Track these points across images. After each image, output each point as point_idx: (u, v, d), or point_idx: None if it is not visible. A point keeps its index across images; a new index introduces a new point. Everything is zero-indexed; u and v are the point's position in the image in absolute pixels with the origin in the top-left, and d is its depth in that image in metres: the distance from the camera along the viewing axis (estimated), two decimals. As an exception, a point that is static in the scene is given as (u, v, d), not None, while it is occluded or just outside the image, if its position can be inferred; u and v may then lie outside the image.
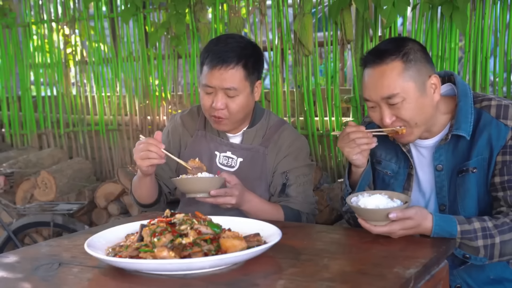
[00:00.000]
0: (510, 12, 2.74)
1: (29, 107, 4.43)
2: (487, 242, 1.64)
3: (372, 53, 1.76)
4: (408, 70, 1.70)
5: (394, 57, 1.71)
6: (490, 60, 2.75)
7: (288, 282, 1.30)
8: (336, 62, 3.17)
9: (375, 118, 1.79)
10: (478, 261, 1.68)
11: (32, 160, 4.08)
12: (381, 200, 1.64)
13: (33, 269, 1.48)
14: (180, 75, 4.91)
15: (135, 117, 4.02)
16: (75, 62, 4.25)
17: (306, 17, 3.11)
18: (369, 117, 2.05)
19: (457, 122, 1.77)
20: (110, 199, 3.64)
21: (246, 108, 2.07)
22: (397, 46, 1.73)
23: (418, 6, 2.82)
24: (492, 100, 1.78)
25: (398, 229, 1.59)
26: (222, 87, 2.00)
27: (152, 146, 1.86)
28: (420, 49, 1.75)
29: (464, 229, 1.64)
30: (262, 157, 2.14)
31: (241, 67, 2.00)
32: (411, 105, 1.71)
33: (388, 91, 1.70)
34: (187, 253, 1.39)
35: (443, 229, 1.63)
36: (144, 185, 2.07)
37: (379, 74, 1.72)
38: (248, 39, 2.13)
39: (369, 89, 1.75)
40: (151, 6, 3.76)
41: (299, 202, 2.12)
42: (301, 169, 2.15)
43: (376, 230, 1.60)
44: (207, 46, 2.07)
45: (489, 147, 1.74)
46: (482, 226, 1.64)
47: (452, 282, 1.84)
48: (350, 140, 1.78)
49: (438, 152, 1.82)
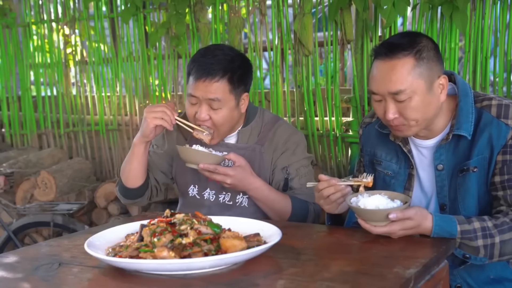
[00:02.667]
0: (510, 12, 2.73)
1: (29, 107, 4.43)
2: (487, 242, 1.64)
3: (385, 46, 1.73)
4: (419, 68, 1.69)
5: (407, 52, 1.69)
6: (490, 60, 2.74)
7: (288, 282, 1.30)
8: (336, 62, 3.17)
9: (379, 112, 1.78)
10: (478, 261, 1.67)
11: (32, 160, 4.08)
12: (381, 200, 1.64)
13: (33, 269, 1.48)
14: (180, 75, 4.90)
15: (135, 117, 4.02)
16: (75, 62, 4.25)
17: (306, 17, 3.10)
18: (369, 118, 2.05)
19: (458, 122, 1.76)
20: (110, 199, 3.64)
21: (230, 121, 2.08)
22: (411, 41, 1.71)
23: (418, 6, 2.82)
24: (492, 99, 1.77)
25: (398, 230, 1.59)
26: (206, 97, 2.00)
27: (168, 110, 2.00)
28: (434, 48, 1.73)
29: (464, 229, 1.63)
30: (258, 155, 2.14)
31: (226, 81, 2.00)
32: (417, 104, 1.70)
33: (396, 86, 1.69)
34: (187, 253, 1.39)
35: (443, 229, 1.63)
36: (136, 157, 2.08)
37: (389, 68, 1.70)
38: (237, 51, 2.11)
39: (377, 82, 1.73)
40: (151, 6, 3.76)
41: (305, 193, 2.13)
42: (300, 162, 2.16)
43: (376, 231, 1.60)
44: (195, 56, 2.07)
45: (490, 146, 1.74)
46: (482, 226, 1.64)
47: (452, 282, 1.84)
48: (325, 197, 1.73)
49: (439, 151, 1.82)
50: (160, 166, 2.24)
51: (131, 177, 2.12)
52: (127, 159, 2.12)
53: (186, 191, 2.21)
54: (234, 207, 2.15)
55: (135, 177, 2.12)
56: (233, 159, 1.99)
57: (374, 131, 1.99)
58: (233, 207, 2.15)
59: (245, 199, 2.14)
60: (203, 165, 1.93)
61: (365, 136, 2.04)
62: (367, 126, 2.04)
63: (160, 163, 2.23)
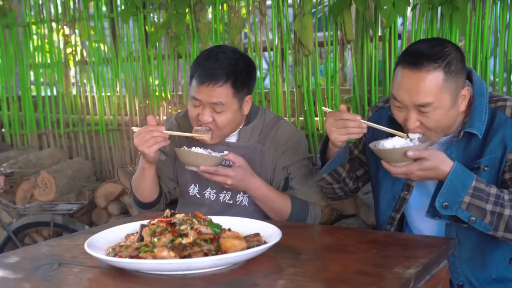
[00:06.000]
0: (510, 12, 2.74)
1: (29, 107, 4.43)
2: (496, 209, 1.62)
3: (414, 55, 1.69)
4: (447, 82, 1.67)
5: (437, 65, 1.66)
6: (490, 60, 2.75)
7: (288, 282, 1.30)
8: (336, 62, 3.17)
9: (399, 118, 1.77)
10: (482, 227, 1.65)
11: (32, 160, 4.08)
12: (399, 141, 1.69)
13: (33, 269, 1.48)
14: (180, 75, 4.90)
15: (135, 117, 4.02)
16: (75, 62, 4.25)
17: (306, 17, 3.10)
18: (382, 102, 2.03)
19: (471, 120, 1.76)
20: (110, 199, 3.64)
21: (233, 123, 2.08)
22: (440, 52, 1.67)
23: (418, 6, 2.82)
24: (507, 100, 1.78)
25: (416, 170, 1.61)
26: (209, 101, 1.99)
27: (153, 131, 1.94)
28: (461, 59, 1.71)
29: (479, 186, 1.62)
30: (260, 154, 2.14)
31: (229, 85, 1.99)
32: (440, 116, 1.70)
33: (424, 99, 1.67)
34: (187, 253, 1.39)
35: (459, 177, 1.61)
36: (148, 177, 2.08)
37: (417, 80, 1.67)
38: (240, 53, 2.09)
39: (403, 92, 1.70)
40: (151, 6, 3.76)
41: (305, 193, 2.13)
42: (301, 161, 2.16)
43: (395, 171, 1.64)
44: (198, 59, 2.05)
45: (503, 146, 1.74)
46: (497, 193, 1.63)
47: (455, 280, 1.84)
48: (343, 126, 1.75)
49: (449, 149, 1.80)
50: (168, 174, 2.25)
51: (146, 194, 2.15)
52: (139, 180, 2.12)
53: (187, 190, 2.21)
54: (234, 206, 2.15)
55: (150, 194, 2.15)
56: (233, 160, 1.98)
57: (387, 117, 1.94)
58: (233, 206, 2.15)
59: (245, 198, 2.14)
60: (203, 167, 1.92)
61: (375, 119, 1.99)
62: (378, 110, 2.03)
63: (168, 171, 2.24)
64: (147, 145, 1.93)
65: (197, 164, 1.93)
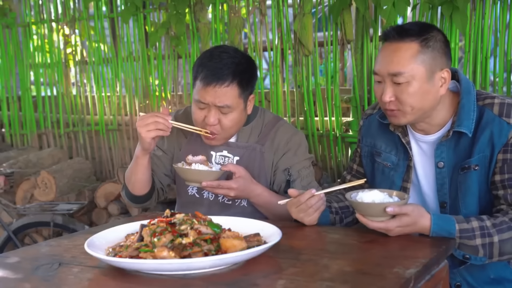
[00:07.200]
0: (510, 12, 2.74)
1: (29, 107, 4.43)
2: (485, 241, 1.63)
3: (395, 29, 1.75)
4: (422, 55, 1.70)
5: (413, 38, 1.71)
6: (490, 60, 2.75)
7: (288, 282, 1.30)
8: (336, 62, 3.17)
9: (377, 93, 1.79)
10: (478, 261, 1.67)
11: (32, 160, 4.08)
12: (378, 195, 1.64)
13: (33, 269, 1.48)
14: (180, 75, 4.91)
15: (135, 117, 4.02)
16: (75, 62, 4.25)
17: (306, 17, 3.11)
18: (370, 109, 2.05)
19: (459, 119, 1.77)
20: (110, 199, 3.64)
21: (238, 123, 2.07)
22: (421, 29, 1.73)
23: (418, 6, 2.82)
24: (495, 98, 1.78)
25: (395, 226, 1.59)
26: (215, 104, 1.98)
27: (158, 117, 1.91)
28: (443, 40, 1.75)
29: (462, 227, 1.63)
30: (259, 155, 2.14)
31: (235, 85, 1.98)
32: (414, 90, 1.71)
33: (396, 68, 1.71)
34: (187, 253, 1.39)
35: (442, 228, 1.63)
36: (140, 168, 2.05)
37: (393, 50, 1.73)
38: (241, 52, 2.08)
39: (380, 62, 1.76)
40: (151, 6, 3.76)
41: None
42: (301, 163, 2.15)
43: (372, 225, 1.61)
44: (201, 60, 2.03)
45: (491, 144, 1.74)
46: (480, 225, 1.64)
47: (452, 281, 1.84)
48: (308, 208, 1.75)
49: (440, 149, 1.82)
50: (163, 169, 2.23)
51: (137, 186, 2.13)
52: (132, 170, 2.10)
53: (185, 190, 2.20)
54: (233, 206, 2.15)
55: (142, 186, 2.13)
56: (233, 170, 1.96)
57: (375, 122, 1.99)
58: (232, 207, 2.15)
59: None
60: (206, 183, 1.91)
61: (366, 127, 2.04)
62: (368, 117, 2.05)
63: (163, 166, 2.23)
64: (146, 129, 1.91)
65: (199, 181, 1.92)
